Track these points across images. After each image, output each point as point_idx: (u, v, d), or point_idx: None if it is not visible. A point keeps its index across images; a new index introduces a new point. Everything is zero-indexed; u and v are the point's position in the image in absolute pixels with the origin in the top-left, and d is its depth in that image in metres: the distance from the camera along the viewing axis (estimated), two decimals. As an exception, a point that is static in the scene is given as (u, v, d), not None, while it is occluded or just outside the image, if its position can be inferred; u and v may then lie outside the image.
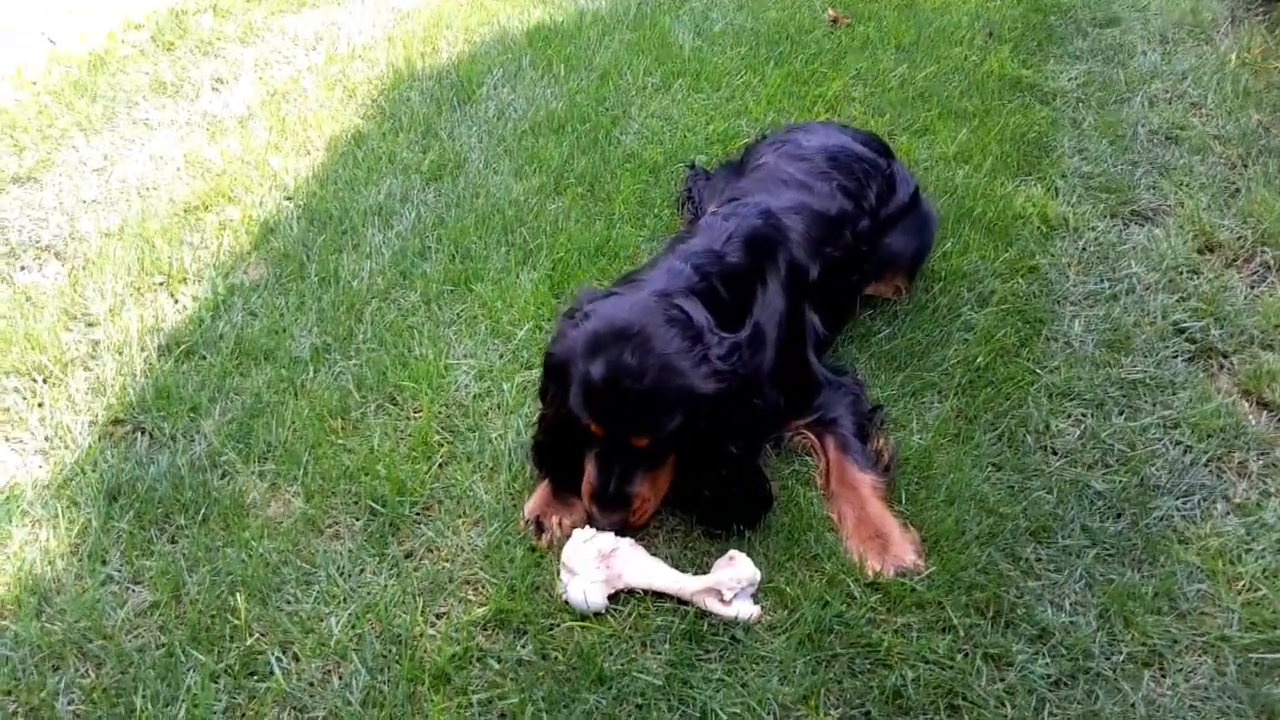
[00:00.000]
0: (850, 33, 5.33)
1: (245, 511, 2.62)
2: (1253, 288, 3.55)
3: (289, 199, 3.93)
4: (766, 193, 3.09)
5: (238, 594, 2.36)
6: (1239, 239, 3.78)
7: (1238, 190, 4.09)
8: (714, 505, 2.51)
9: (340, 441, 2.86)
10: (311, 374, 3.08)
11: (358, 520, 2.61)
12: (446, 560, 2.49)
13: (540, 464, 2.64)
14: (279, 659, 2.23)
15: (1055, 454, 2.90)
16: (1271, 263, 3.65)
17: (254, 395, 2.99)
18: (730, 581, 2.32)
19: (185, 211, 3.90)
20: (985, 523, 2.61)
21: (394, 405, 3.00)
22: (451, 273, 3.49)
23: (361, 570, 2.46)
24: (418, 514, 2.63)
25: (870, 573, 2.45)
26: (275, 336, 3.22)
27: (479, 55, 5.03)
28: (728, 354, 2.39)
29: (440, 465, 2.77)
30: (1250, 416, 3.01)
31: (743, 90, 4.69)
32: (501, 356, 3.16)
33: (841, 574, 2.44)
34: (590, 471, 2.41)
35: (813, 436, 2.84)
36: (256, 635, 2.29)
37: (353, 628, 2.30)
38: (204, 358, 3.14)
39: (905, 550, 2.51)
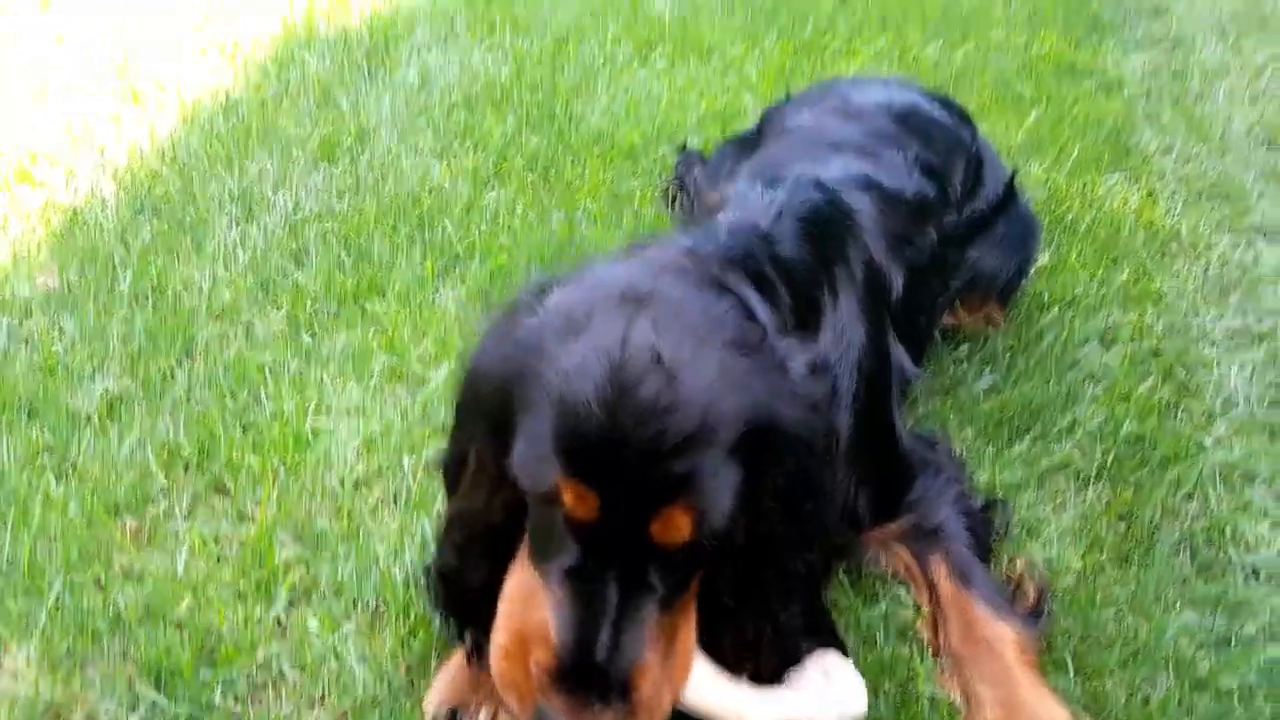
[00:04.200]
0: (863, 6, 4.35)
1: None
2: None
3: (115, 180, 2.77)
4: (812, 161, 2.02)
5: None
6: None
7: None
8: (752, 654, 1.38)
9: (122, 561, 1.70)
10: (93, 441, 1.92)
11: (133, 712, 1.47)
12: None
13: (450, 607, 1.47)
14: None
15: (1258, 577, 1.86)
16: None
17: (-7, 476, 1.83)
18: (828, 712, 1.37)
19: (-35, 195, 2.72)
20: (1200, 704, 1.56)
21: (221, 495, 1.85)
22: (337, 284, 2.36)
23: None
24: (239, 702, 1.49)
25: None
26: (50, 379, 2.05)
27: (401, 13, 3.93)
28: (811, 371, 1.29)
29: (287, 606, 1.63)
30: None
31: (740, 62, 3.66)
32: (405, 414, 2.03)
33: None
34: (555, 610, 1.18)
35: (907, 555, 1.76)
36: None
37: None
38: (-77, 412, 1.97)
39: (1086, 764, 1.44)
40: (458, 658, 1.48)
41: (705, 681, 1.33)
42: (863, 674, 1.55)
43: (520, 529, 1.27)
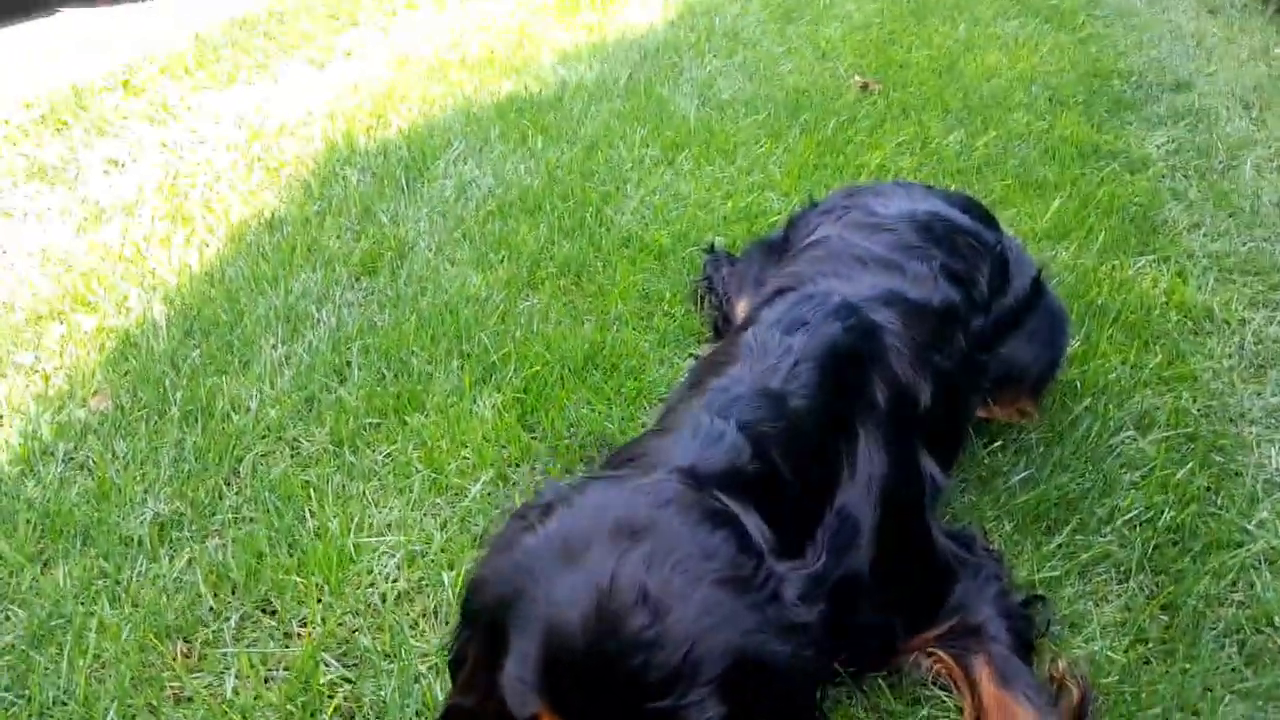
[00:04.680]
0: (885, 99, 4.45)
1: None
2: None
3: (166, 303, 2.89)
4: (837, 277, 2.07)
5: None
6: None
7: None
8: None
9: (173, 686, 1.75)
10: (145, 565, 1.98)
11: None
12: None
13: None
14: None
15: (1314, 669, 1.81)
16: None
17: (52, 603, 1.89)
18: None
19: (27, 322, 2.85)
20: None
21: (268, 616, 1.89)
22: (378, 399, 2.43)
23: None
24: (283, 827, 1.51)
25: None
26: (103, 504, 2.13)
27: (437, 128, 4.10)
28: (806, 596, 1.29)
29: (331, 727, 1.66)
30: None
31: (764, 160, 3.74)
32: (444, 526, 2.07)
33: None
34: None
35: (948, 657, 1.75)
36: None
37: None
38: (-15, 540, 2.05)
39: None
40: None
41: None
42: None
43: None
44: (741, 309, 2.57)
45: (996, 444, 2.28)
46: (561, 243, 3.14)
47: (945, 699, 1.71)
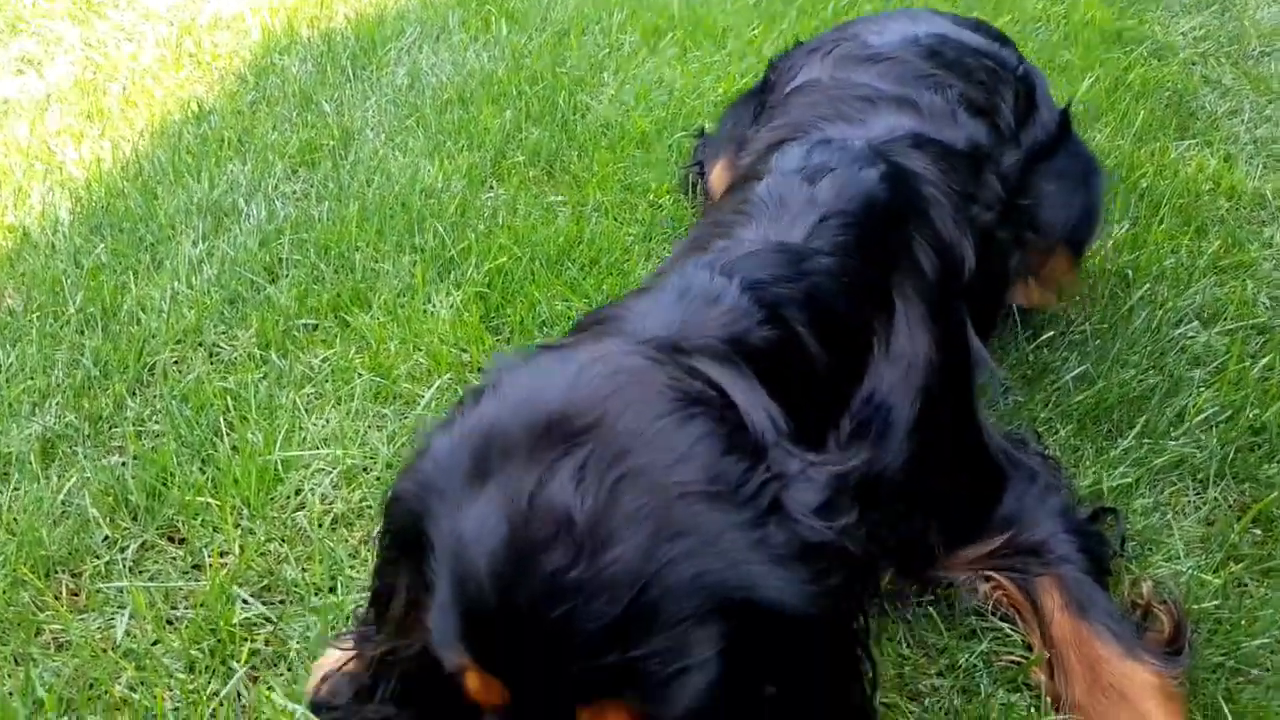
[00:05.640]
0: (885, -15, 4.05)
1: None
2: None
3: (72, 199, 2.49)
4: (844, 120, 1.70)
5: None
6: None
7: None
8: None
9: (53, 626, 1.40)
10: (25, 487, 1.62)
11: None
12: None
13: None
14: None
15: None
16: None
17: (-95, 534, 1.53)
18: None
19: (-89, 224, 2.45)
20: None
21: (173, 545, 1.55)
22: (314, 298, 2.06)
23: None
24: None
25: None
26: (-20, 418, 1.77)
27: (389, 17, 3.66)
28: (826, 504, 0.93)
29: (247, 679, 1.32)
30: None
31: (758, 44, 3.35)
32: (391, 440, 1.72)
33: None
34: None
35: (1009, 583, 1.43)
36: None
37: None
38: None
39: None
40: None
41: None
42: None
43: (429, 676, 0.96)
44: (719, 174, 2.22)
45: (1043, 337, 1.95)
46: (530, 130, 2.75)
47: (1008, 631, 1.40)
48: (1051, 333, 1.95)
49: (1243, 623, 1.40)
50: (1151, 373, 1.87)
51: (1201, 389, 1.85)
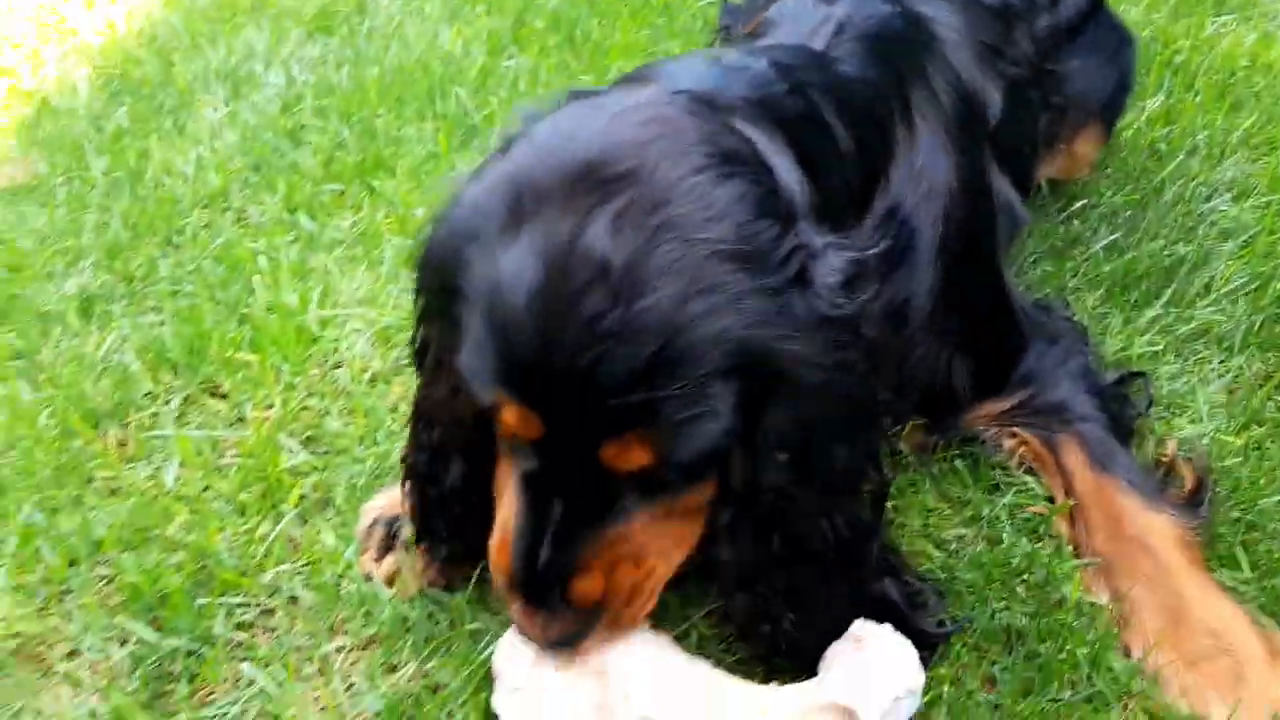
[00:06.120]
0: None
1: None
2: None
3: (88, 63, 2.45)
4: None
5: None
6: None
7: None
8: (797, 611, 1.09)
9: (103, 476, 1.45)
10: (68, 343, 1.65)
11: (120, 647, 1.22)
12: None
13: (419, 508, 1.23)
14: None
15: None
16: None
17: (-46, 387, 1.57)
18: (868, 689, 1.03)
19: (-76, 89, 2.42)
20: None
21: (215, 399, 1.58)
22: (338, 164, 2.05)
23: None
24: (244, 630, 1.24)
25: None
26: (15, 278, 1.78)
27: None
28: (847, 282, 0.95)
29: (297, 520, 1.37)
30: None
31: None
32: (424, 301, 1.74)
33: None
34: (514, 515, 1.01)
35: (1033, 438, 1.46)
36: None
37: None
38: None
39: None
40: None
41: (698, 681, 1.07)
42: (991, 577, 1.29)
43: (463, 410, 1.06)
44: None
45: (1074, 209, 1.95)
46: (549, -4, 2.69)
47: (1031, 485, 1.44)
48: (1082, 202, 1.94)
49: (1261, 481, 1.44)
50: (1181, 244, 1.87)
51: (1230, 260, 1.85)
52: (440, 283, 0.99)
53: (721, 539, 1.04)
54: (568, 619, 0.99)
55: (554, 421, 0.91)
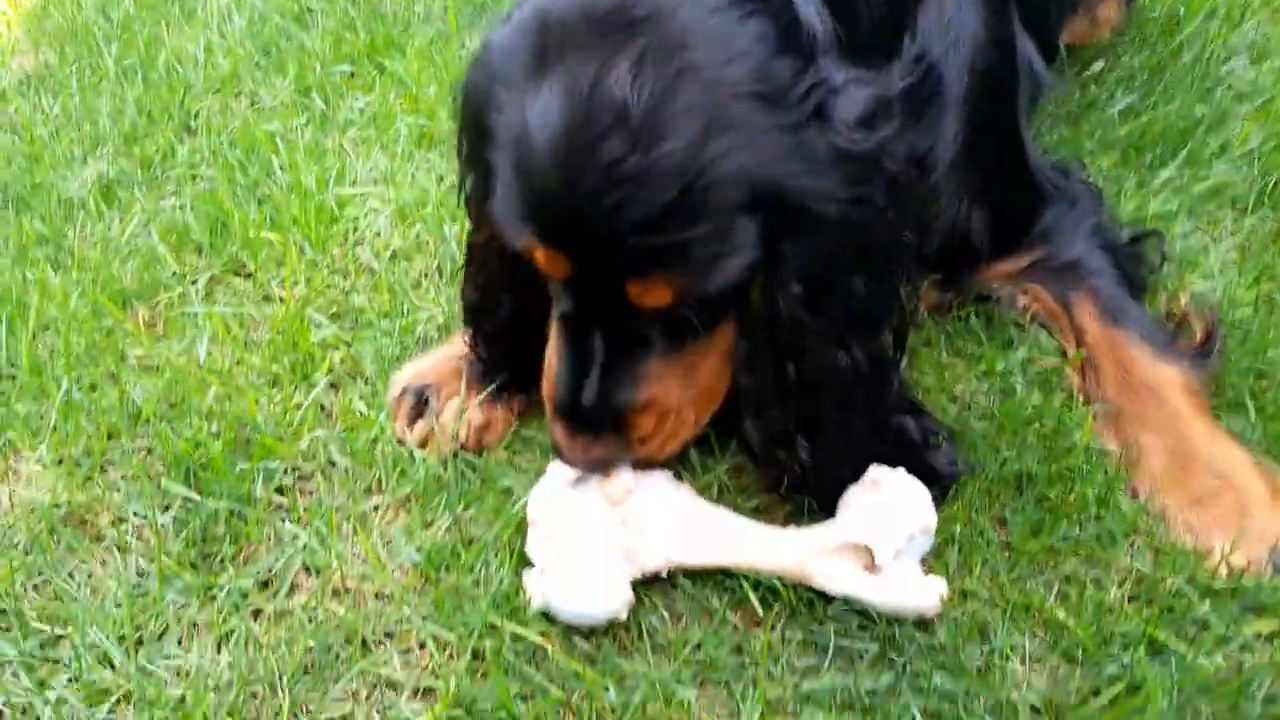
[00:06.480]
0: None
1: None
2: None
3: (88, -47, 2.41)
4: None
5: None
6: None
7: None
8: (815, 442, 1.13)
9: (136, 354, 1.49)
10: (91, 227, 1.68)
11: (163, 513, 1.28)
12: (340, 602, 1.16)
13: (476, 335, 1.32)
14: None
15: None
16: None
17: (-16, 272, 1.60)
18: (883, 528, 1.07)
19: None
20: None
21: (241, 279, 1.61)
22: (348, 45, 2.04)
23: (163, 632, 1.14)
24: (283, 493, 1.29)
25: (1215, 564, 1.17)
26: (35, 167, 1.80)
27: None
28: (867, 118, 0.97)
29: (330, 389, 1.41)
30: None
31: None
32: (440, 181, 1.75)
33: (1149, 568, 1.15)
34: (554, 349, 1.12)
35: (1046, 294, 1.48)
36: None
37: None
38: (-102, 208, 1.73)
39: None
40: (442, 348, 1.40)
41: (718, 523, 1.15)
42: (1003, 427, 1.33)
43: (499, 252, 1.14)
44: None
45: (1090, 73, 1.93)
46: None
47: (1044, 340, 1.47)
48: (1100, 65, 1.92)
49: (1271, 332, 1.47)
50: (1198, 106, 1.85)
51: (1246, 123, 1.84)
52: (475, 124, 1.03)
53: (740, 368, 1.10)
54: (605, 443, 1.09)
55: (581, 262, 0.96)
